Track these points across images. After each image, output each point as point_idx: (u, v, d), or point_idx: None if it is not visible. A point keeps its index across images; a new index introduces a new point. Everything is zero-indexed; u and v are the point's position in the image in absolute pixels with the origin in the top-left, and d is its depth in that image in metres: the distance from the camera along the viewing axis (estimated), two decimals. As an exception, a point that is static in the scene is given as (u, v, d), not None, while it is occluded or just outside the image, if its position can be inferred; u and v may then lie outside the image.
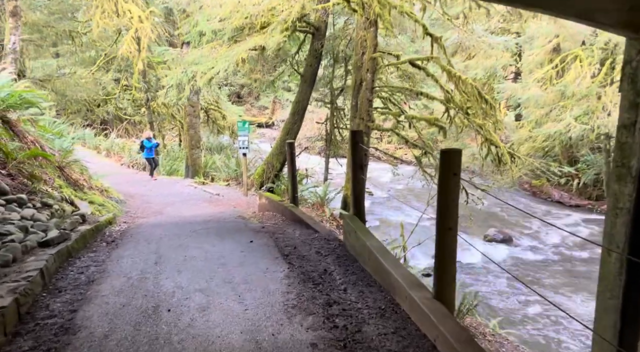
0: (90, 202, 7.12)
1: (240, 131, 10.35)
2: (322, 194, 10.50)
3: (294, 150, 7.09)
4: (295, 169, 7.12)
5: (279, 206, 7.23)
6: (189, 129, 13.58)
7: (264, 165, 11.51)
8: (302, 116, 11.19)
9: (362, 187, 5.16)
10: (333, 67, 11.13)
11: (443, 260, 2.89)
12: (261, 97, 36.95)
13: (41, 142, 7.18)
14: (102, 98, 17.70)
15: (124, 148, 19.34)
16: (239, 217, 7.19)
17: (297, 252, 4.89)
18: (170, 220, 7.06)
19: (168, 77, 9.10)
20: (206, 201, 9.78)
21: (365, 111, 9.74)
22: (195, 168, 13.74)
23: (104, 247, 5.16)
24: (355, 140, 5.09)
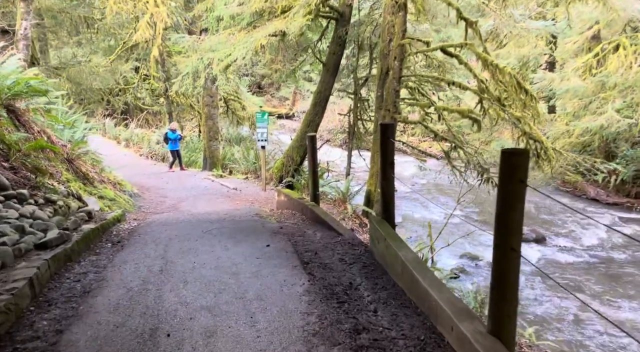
0: (100, 197, 6.74)
1: (259, 123, 9.86)
2: (344, 190, 9.95)
3: (315, 144, 6.55)
4: (316, 165, 6.58)
5: (298, 204, 6.72)
6: (207, 119, 13.17)
7: (283, 159, 11.01)
8: (324, 107, 10.62)
9: (391, 188, 4.58)
10: (357, 55, 10.50)
11: (502, 288, 2.31)
12: (282, 88, 36.49)
13: (49, 133, 6.82)
14: (121, 87, 17.45)
15: (143, 139, 19.14)
16: (256, 216, 6.71)
17: (318, 260, 4.37)
18: (184, 217, 6.63)
19: (183, 64, 8.65)
20: (223, 196, 9.35)
21: (391, 102, 9.11)
22: (213, 160, 13.35)
23: (109, 248, 4.74)
24: (385, 134, 4.51)
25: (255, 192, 9.85)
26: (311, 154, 6.53)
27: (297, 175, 10.96)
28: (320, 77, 10.51)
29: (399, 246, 3.78)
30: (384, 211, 4.63)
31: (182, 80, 8.75)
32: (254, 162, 12.43)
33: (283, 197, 7.26)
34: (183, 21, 12.36)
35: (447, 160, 9.81)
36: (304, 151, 10.95)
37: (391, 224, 4.59)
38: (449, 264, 11.22)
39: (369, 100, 10.80)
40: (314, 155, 6.55)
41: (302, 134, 10.77)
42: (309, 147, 6.54)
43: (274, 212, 7.26)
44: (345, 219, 9.24)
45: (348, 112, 10.86)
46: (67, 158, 6.65)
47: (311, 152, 6.54)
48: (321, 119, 10.75)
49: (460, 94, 12.70)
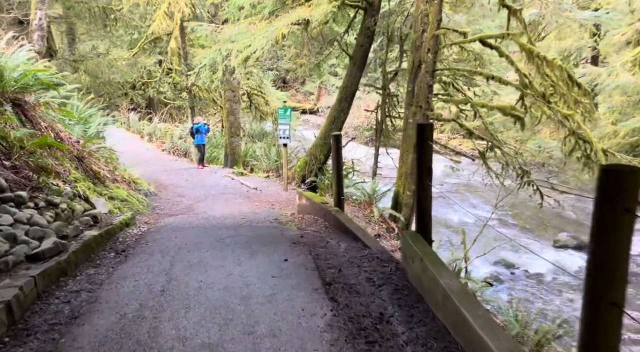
0: (111, 198, 6.34)
1: (281, 119, 9.33)
2: (370, 191, 9.35)
3: (340, 144, 5.96)
4: (341, 167, 6.00)
5: (321, 209, 6.16)
6: (229, 115, 12.74)
7: (306, 157, 10.47)
8: (350, 103, 10.01)
9: (428, 198, 3.96)
10: (387, 47, 9.83)
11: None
12: (307, 83, 35.98)
13: (60, 128, 6.44)
14: (144, 81, 17.23)
15: (166, 133, 18.94)
16: (275, 221, 6.18)
17: (342, 279, 3.80)
18: (198, 221, 6.16)
19: (200, 56, 8.18)
20: (242, 196, 8.88)
21: (423, 98, 8.43)
22: (234, 157, 12.92)
23: (111, 259, 4.28)
24: (422, 136, 3.89)
25: (276, 193, 9.34)
26: (336, 154, 5.95)
27: (321, 174, 10.41)
28: (347, 71, 9.89)
29: (439, 271, 3.17)
30: (419, 224, 4.02)
31: (199, 73, 8.31)
32: (276, 160, 11.93)
33: (305, 200, 6.71)
34: (205, 12, 11.93)
35: (482, 160, 9.07)
36: (328, 149, 10.38)
37: (428, 239, 3.98)
38: (481, 271, 10.48)
39: (398, 96, 10.13)
40: (339, 156, 5.97)
41: (327, 132, 10.19)
42: (334, 147, 5.96)
43: (294, 217, 6.72)
44: (371, 222, 8.64)
45: (376, 109, 10.22)
46: (77, 156, 6.27)
47: (336, 153, 5.95)
48: (347, 116, 10.14)
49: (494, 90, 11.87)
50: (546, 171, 13.89)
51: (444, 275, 3.09)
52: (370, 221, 8.60)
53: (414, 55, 8.72)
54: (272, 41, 6.71)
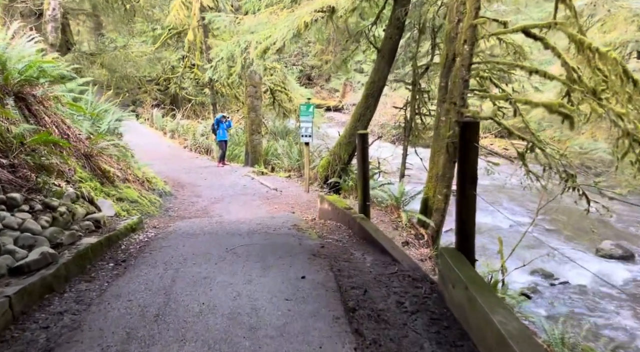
0: (119, 199, 5.92)
1: (303, 116, 8.79)
2: (397, 194, 8.71)
3: (366, 144, 5.37)
4: (367, 169, 5.41)
5: (344, 216, 5.59)
6: (250, 111, 12.28)
7: (329, 157, 9.90)
8: (377, 99, 9.38)
9: (472, 208, 3.34)
10: (418, 39, 9.15)
11: None
12: (332, 79, 35.41)
13: (68, 124, 6.07)
14: (166, 77, 16.98)
15: (189, 130, 18.69)
16: (294, 228, 5.64)
17: (368, 303, 3.23)
18: (210, 226, 5.68)
19: (218, 48, 7.71)
20: (261, 198, 8.38)
21: (458, 94, 7.73)
22: (255, 155, 12.47)
23: (108, 271, 3.82)
24: (466, 136, 3.26)
25: (297, 194, 8.81)
26: (361, 155, 5.37)
27: (344, 175, 9.82)
28: (374, 65, 9.27)
29: (491, 305, 2.55)
30: (460, 241, 3.40)
31: (216, 67, 7.85)
32: (298, 159, 11.41)
33: (327, 205, 6.15)
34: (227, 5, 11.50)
35: (521, 162, 8.31)
36: (353, 149, 9.79)
37: (470, 259, 3.36)
38: (518, 281, 9.71)
39: (429, 92, 9.44)
40: (365, 158, 5.38)
41: (352, 130, 9.60)
42: (359, 147, 5.37)
43: (315, 222, 6.17)
44: (398, 228, 8.01)
45: (405, 106, 9.56)
46: (84, 153, 5.88)
47: (361, 154, 5.37)
48: (373, 113, 9.53)
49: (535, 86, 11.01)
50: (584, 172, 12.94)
51: (497, 311, 2.47)
52: (397, 227, 7.98)
53: (448, 47, 8.03)
54: (294, 30, 6.16)
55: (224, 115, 12.32)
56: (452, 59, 8.06)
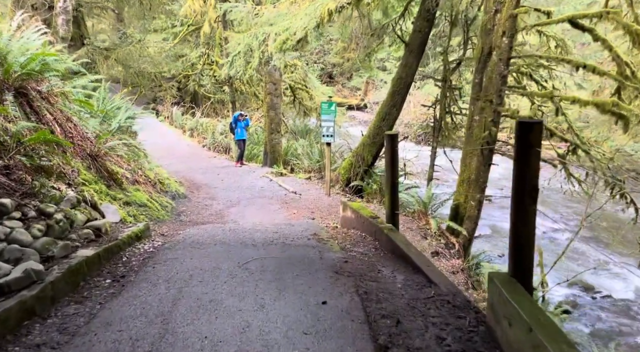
0: (127, 203, 5.50)
1: (325, 115, 8.26)
2: (426, 199, 8.10)
3: (396, 147, 4.80)
4: (396, 174, 4.84)
5: (370, 226, 5.03)
6: (269, 110, 11.81)
7: (351, 158, 9.34)
8: (404, 97, 8.78)
9: (531, 227, 2.75)
10: (450, 32, 8.51)
11: None
12: (354, 77, 34.80)
13: (73, 122, 5.68)
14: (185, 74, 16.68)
15: (208, 129, 18.38)
16: (314, 238, 5.11)
17: (402, 339, 2.69)
18: (223, 235, 5.20)
19: (234, 41, 7.22)
20: (279, 201, 7.89)
21: (495, 91, 7.08)
22: (274, 155, 12.00)
23: (103, 289, 3.37)
24: (526, 140, 2.67)
25: (318, 198, 8.29)
26: (390, 159, 4.80)
27: (367, 178, 9.26)
28: (401, 61, 8.67)
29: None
30: (516, 266, 2.81)
31: (232, 61, 7.38)
32: (318, 160, 10.89)
33: (350, 212, 5.60)
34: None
35: (562, 165, 7.60)
36: (377, 150, 9.22)
37: (528, 288, 2.76)
38: (556, 294, 8.97)
39: (461, 89, 8.78)
40: (394, 161, 4.81)
41: (376, 129, 9.03)
42: (388, 150, 4.80)
43: (337, 231, 5.63)
44: (427, 237, 7.41)
45: (434, 104, 8.93)
46: (90, 154, 5.48)
47: (390, 157, 4.80)
48: (399, 112, 8.93)
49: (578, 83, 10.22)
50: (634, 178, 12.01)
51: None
52: (425, 235, 7.38)
53: (484, 40, 7.38)
54: (316, 19, 5.62)
55: (242, 114, 11.86)
56: (487, 53, 7.41)
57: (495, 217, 12.97)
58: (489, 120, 7.21)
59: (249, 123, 12.09)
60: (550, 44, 7.99)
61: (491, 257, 9.01)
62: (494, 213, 13.57)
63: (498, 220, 12.70)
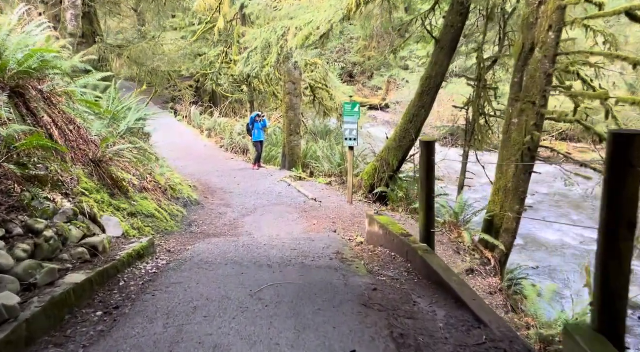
0: (132, 214, 5.02)
1: (347, 116, 7.68)
2: (457, 209, 7.44)
3: (432, 155, 4.18)
4: (433, 187, 4.23)
5: (400, 244, 4.43)
6: (288, 110, 11.27)
7: (375, 163, 8.73)
8: (434, 98, 8.14)
9: (625, 267, 2.13)
10: (485, 27, 7.81)
11: None
12: (375, 77, 34.07)
13: (76, 124, 5.23)
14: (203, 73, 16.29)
15: (225, 129, 17.98)
16: (337, 257, 4.54)
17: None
18: (236, 251, 4.67)
19: (250, 36, 6.68)
20: (297, 209, 7.34)
21: (538, 91, 6.38)
22: (293, 158, 11.46)
23: (91, 327, 2.86)
24: (623, 156, 2.05)
25: (339, 206, 7.71)
26: (425, 169, 4.19)
27: (393, 184, 8.63)
28: (431, 58, 8.01)
29: None
30: (605, 320, 2.18)
31: (248, 58, 6.84)
32: (339, 164, 10.30)
33: (377, 227, 5.00)
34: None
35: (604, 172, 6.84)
36: (404, 153, 8.59)
37: (619, 346, 2.14)
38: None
39: (497, 89, 8.08)
40: (430, 172, 4.20)
41: (403, 132, 8.40)
42: (424, 158, 4.19)
43: (362, 249, 5.05)
44: (460, 251, 6.76)
45: (467, 105, 8.25)
46: (93, 159, 5.01)
47: (426, 167, 4.18)
48: (429, 113, 8.29)
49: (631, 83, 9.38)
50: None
51: None
52: (458, 249, 6.73)
53: (525, 35, 6.69)
54: (343, 11, 5.04)
55: (259, 114, 11.34)
56: (529, 49, 6.71)
57: (528, 226, 12.17)
58: (531, 124, 6.52)
59: (266, 124, 11.58)
60: (597, 40, 7.22)
61: (527, 272, 8.30)
62: (525, 221, 12.77)
63: (531, 228, 11.91)
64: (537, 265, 10.32)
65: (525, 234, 11.52)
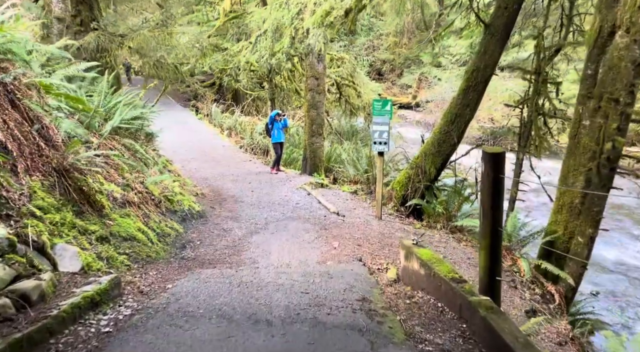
0: (102, 238, 3.97)
1: (377, 116, 6.48)
2: (509, 229, 6.13)
3: (502, 172, 2.95)
4: (500, 217, 3.01)
5: (452, 294, 3.20)
6: (310, 109, 10.13)
7: (409, 171, 7.49)
8: (481, 94, 6.85)
9: None
10: (547, 8, 6.45)
11: None
12: (404, 74, 32.62)
13: (44, 124, 4.23)
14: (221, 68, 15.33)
15: (246, 128, 17.01)
16: (362, 306, 3.35)
17: None
18: (229, 295, 3.56)
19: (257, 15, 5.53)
20: (316, 226, 6.17)
21: (624, 85, 5.03)
22: (314, 162, 10.31)
23: None
24: None
25: (366, 221, 6.51)
26: (490, 192, 2.96)
27: (429, 195, 7.37)
28: (478, 47, 6.71)
29: None
30: None
31: (256, 43, 5.69)
32: (366, 170, 9.08)
33: (416, 264, 3.78)
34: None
35: None
36: (443, 160, 7.33)
37: None
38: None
39: (560, 84, 6.71)
40: (496, 196, 2.97)
41: (443, 135, 7.13)
42: (488, 178, 2.96)
43: (397, 290, 3.84)
44: (515, 283, 5.45)
45: (521, 103, 6.90)
46: (56, 168, 3.99)
47: (491, 189, 2.96)
48: (474, 112, 7.00)
49: None
50: None
51: None
52: (514, 281, 5.43)
53: (603, 16, 5.35)
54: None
55: (279, 113, 10.23)
56: (608, 33, 5.34)
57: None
58: (612, 127, 5.16)
59: (287, 124, 10.46)
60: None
61: (592, 303, 6.91)
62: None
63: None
64: (597, 290, 8.85)
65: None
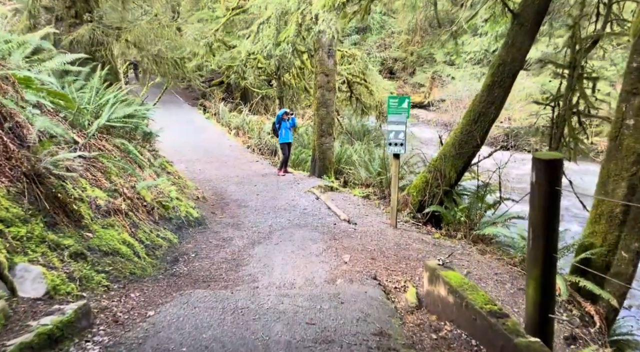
0: (77, 254, 3.44)
1: (393, 114, 5.89)
2: (540, 241, 5.45)
3: (558, 184, 2.34)
4: (555, 240, 2.40)
5: (490, 332, 2.61)
6: (319, 107, 9.56)
7: (426, 174, 6.88)
8: (508, 90, 6.22)
9: None
10: (584, -6, 5.81)
11: None
12: (417, 73, 31.91)
13: (18, 122, 3.72)
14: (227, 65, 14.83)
15: (254, 127, 16.51)
16: (380, 344, 2.77)
17: None
18: (219, 327, 3.00)
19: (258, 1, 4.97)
20: (325, 234, 5.60)
21: (680, 79, 4.37)
22: (324, 163, 9.74)
23: None
24: None
25: (380, 230, 5.92)
26: (543, 208, 2.36)
27: (449, 201, 6.76)
28: (506, 39, 6.08)
29: None
30: None
31: (258, 32, 5.14)
32: (380, 172, 8.48)
33: (444, 290, 3.18)
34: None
35: None
36: (465, 163, 6.71)
37: None
38: None
39: (597, 80, 6.06)
40: (550, 213, 2.37)
41: (464, 136, 6.52)
42: (540, 190, 2.35)
43: (419, 320, 3.25)
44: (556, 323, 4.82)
45: (553, 100, 6.25)
46: (26, 172, 3.47)
47: (543, 204, 2.36)
48: (500, 110, 6.38)
49: None
50: None
51: None
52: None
53: (652, 0, 4.68)
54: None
55: (287, 112, 9.69)
56: (659, 20, 4.70)
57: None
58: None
59: (295, 123, 9.91)
60: None
61: (630, 323, 6.25)
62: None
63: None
64: (630, 305, 8.16)
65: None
